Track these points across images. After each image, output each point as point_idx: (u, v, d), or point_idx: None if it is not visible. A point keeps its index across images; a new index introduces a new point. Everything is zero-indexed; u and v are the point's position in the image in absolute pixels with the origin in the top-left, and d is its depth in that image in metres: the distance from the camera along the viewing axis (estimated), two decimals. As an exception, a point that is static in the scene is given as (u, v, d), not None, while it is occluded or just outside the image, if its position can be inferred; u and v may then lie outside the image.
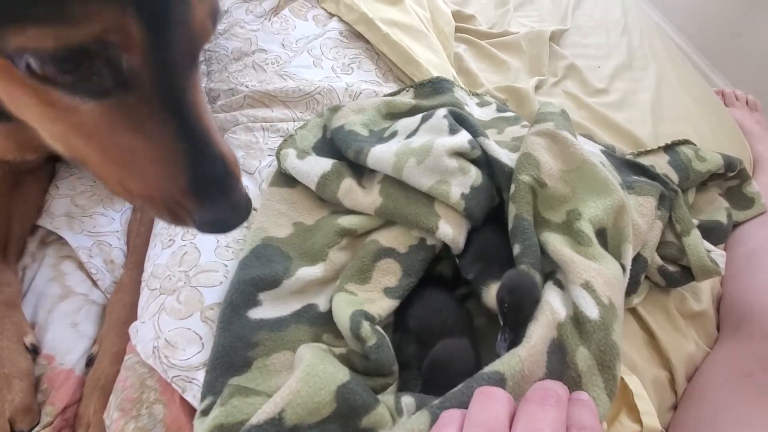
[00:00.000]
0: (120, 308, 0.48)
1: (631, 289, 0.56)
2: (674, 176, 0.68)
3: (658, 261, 0.58)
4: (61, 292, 0.49)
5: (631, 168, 0.65)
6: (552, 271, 0.43)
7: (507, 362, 0.33)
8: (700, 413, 0.53)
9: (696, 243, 0.57)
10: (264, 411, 0.29)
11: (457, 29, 0.93)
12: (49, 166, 0.60)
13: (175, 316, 0.41)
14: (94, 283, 0.51)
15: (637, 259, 0.55)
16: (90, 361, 0.46)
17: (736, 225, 0.74)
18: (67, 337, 0.47)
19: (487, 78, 0.85)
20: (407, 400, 0.34)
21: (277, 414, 0.29)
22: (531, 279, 0.40)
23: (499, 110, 0.70)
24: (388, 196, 0.48)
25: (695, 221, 0.66)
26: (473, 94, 0.73)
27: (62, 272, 0.51)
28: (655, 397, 0.55)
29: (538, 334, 0.34)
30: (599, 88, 0.88)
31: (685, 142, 0.74)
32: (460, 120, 0.51)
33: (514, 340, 0.37)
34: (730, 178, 0.75)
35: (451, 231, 0.46)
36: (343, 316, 0.39)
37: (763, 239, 0.69)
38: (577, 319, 0.36)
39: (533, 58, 0.90)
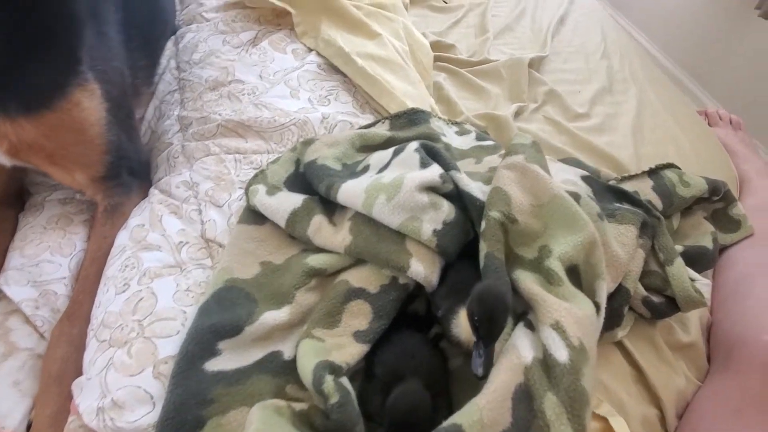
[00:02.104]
0: (52, 364, 0.45)
1: (615, 322, 0.54)
2: (658, 202, 0.67)
3: (642, 292, 0.56)
4: (4, 350, 0.47)
5: (615, 194, 0.64)
6: (524, 311, 0.41)
7: (466, 412, 0.31)
8: (692, 455, 0.50)
9: (679, 273, 0.55)
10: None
11: (438, 58, 0.94)
12: (12, 218, 0.59)
13: (124, 372, 0.39)
14: (42, 336, 0.48)
15: (619, 290, 0.54)
16: (30, 426, 0.43)
17: (723, 248, 0.73)
18: (7, 398, 0.44)
19: (467, 106, 0.85)
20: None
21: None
22: (499, 287, 0.38)
23: (478, 139, 0.70)
24: (358, 234, 0.46)
25: (680, 248, 0.64)
26: (452, 123, 0.72)
27: (8, 329, 0.48)
28: (645, 437, 0.53)
29: (500, 379, 0.32)
30: (580, 113, 0.89)
31: (669, 165, 0.73)
32: (432, 153, 0.50)
33: (490, 357, 0.35)
34: (716, 201, 0.74)
35: (423, 269, 0.44)
36: (306, 368, 0.37)
37: (752, 263, 0.68)
38: (546, 362, 0.34)
39: (513, 84, 0.90)
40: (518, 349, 0.35)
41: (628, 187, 0.69)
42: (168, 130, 0.66)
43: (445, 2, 1.15)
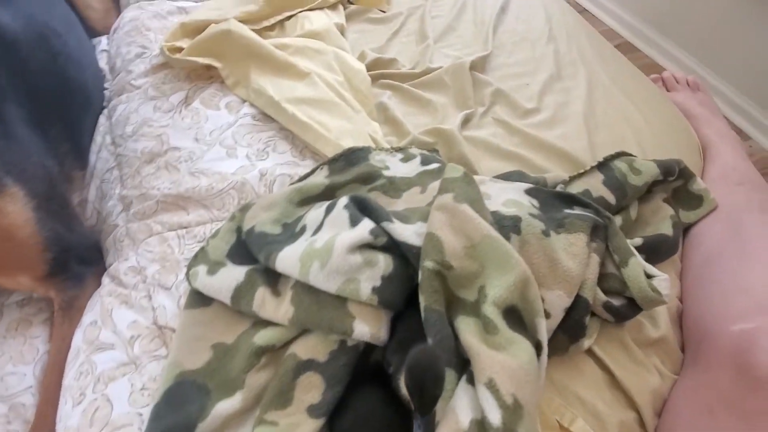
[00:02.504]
0: None
1: (579, 333, 0.54)
2: (611, 196, 0.67)
3: (602, 297, 0.56)
4: (-18, 473, 0.48)
5: (563, 200, 0.63)
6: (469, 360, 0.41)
7: None
8: (672, 456, 0.50)
9: (635, 273, 0.55)
10: None
11: (380, 76, 0.92)
12: None
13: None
14: (18, 451, 0.49)
15: (578, 301, 0.53)
16: None
17: (689, 227, 0.73)
18: None
19: (414, 122, 0.84)
20: None
21: None
22: (430, 355, 0.37)
23: (423, 163, 0.69)
24: (300, 305, 0.46)
25: (639, 240, 0.64)
26: (396, 150, 0.72)
27: (-17, 450, 0.49)
28: (625, 444, 0.53)
29: None
30: (529, 108, 0.87)
31: (620, 155, 0.72)
32: (362, 207, 0.50)
33: (429, 426, 0.35)
34: (673, 180, 0.73)
35: (368, 329, 0.44)
36: (257, 462, 0.37)
37: (716, 241, 0.67)
38: (482, 425, 0.34)
39: (458, 92, 0.89)
40: (456, 414, 0.35)
41: (578, 185, 0.68)
42: (112, 211, 0.66)
43: (383, 11, 1.13)
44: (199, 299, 0.51)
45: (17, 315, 0.61)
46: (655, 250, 0.63)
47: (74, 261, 0.59)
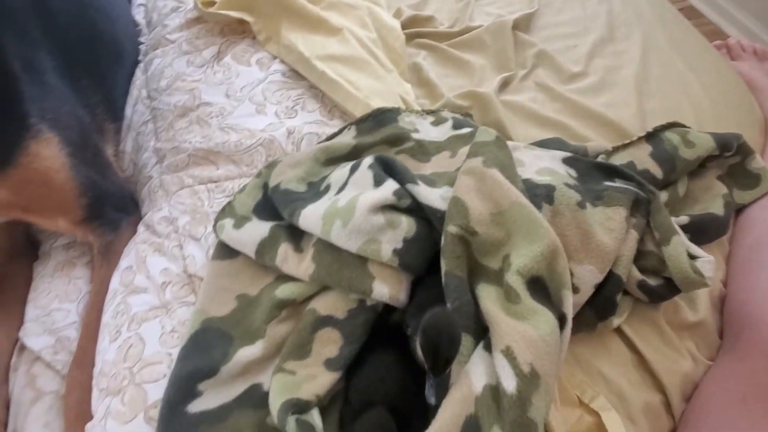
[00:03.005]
0: (69, 410, 0.50)
1: (608, 312, 0.52)
2: (657, 170, 0.62)
3: (637, 275, 0.53)
4: (32, 395, 0.52)
5: (604, 171, 0.59)
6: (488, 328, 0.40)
7: None
8: (698, 438, 0.48)
9: (677, 252, 0.51)
10: None
11: (415, 35, 0.88)
12: (28, 269, 0.64)
13: (120, 420, 0.42)
14: (63, 378, 0.53)
15: (610, 278, 0.51)
16: None
17: (742, 208, 0.67)
18: None
19: (450, 84, 0.81)
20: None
21: None
22: (446, 318, 0.37)
23: (454, 127, 0.66)
24: (320, 262, 0.46)
25: (685, 218, 0.59)
26: (427, 113, 0.69)
27: (34, 375, 0.54)
28: (647, 425, 0.51)
29: (450, 412, 0.32)
30: (575, 72, 0.81)
31: (672, 125, 0.66)
32: (387, 167, 0.49)
33: (442, 385, 0.35)
34: (730, 156, 0.67)
35: (387, 290, 0.44)
36: (274, 406, 0.39)
37: (769, 225, 0.61)
38: (497, 391, 0.34)
39: (498, 53, 0.84)
40: (470, 378, 0.34)
41: (622, 157, 0.63)
42: (147, 163, 0.68)
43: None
44: (225, 251, 0.52)
45: (63, 257, 0.65)
46: (702, 230, 0.59)
47: (110, 208, 0.62)
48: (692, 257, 0.52)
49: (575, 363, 0.53)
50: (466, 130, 0.65)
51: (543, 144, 0.62)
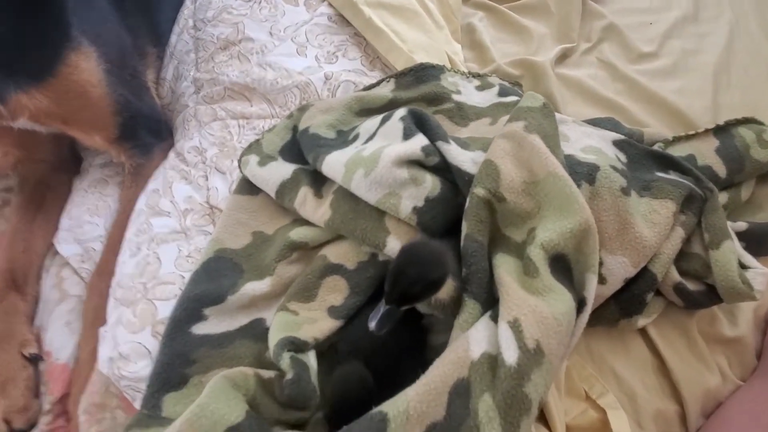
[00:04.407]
0: (88, 313, 0.52)
1: (635, 309, 0.48)
2: (721, 168, 0.56)
3: (676, 277, 0.48)
4: (59, 296, 0.56)
5: (658, 161, 0.54)
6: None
7: (394, 402, 0.31)
8: (710, 458, 0.45)
9: (726, 259, 0.46)
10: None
11: (475, -7, 0.82)
12: (69, 182, 0.67)
13: (129, 329, 0.44)
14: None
15: (643, 274, 0.47)
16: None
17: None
18: (62, 335, 0.53)
19: (504, 50, 0.75)
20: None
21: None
22: (426, 249, 0.36)
23: (500, 94, 0.62)
24: (337, 209, 0.45)
25: (743, 225, 0.53)
26: (474, 76, 0.65)
27: (62, 278, 0.57)
28: (656, 433, 0.48)
29: (439, 372, 0.31)
30: (645, 52, 0.73)
31: (747, 120, 0.59)
32: (419, 122, 0.46)
33: (387, 315, 0.34)
34: (811, 164, 0.59)
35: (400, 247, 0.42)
36: (271, 342, 0.39)
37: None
38: (495, 361, 0.32)
39: (562, 21, 0.77)
40: (469, 343, 0.33)
41: (682, 149, 0.57)
42: (185, 92, 0.68)
43: None
44: (247, 187, 0.52)
45: (98, 174, 0.68)
46: (761, 241, 0.53)
47: (143, 131, 0.63)
48: (743, 267, 0.47)
49: (587, 356, 0.50)
50: (511, 99, 0.60)
51: (595, 122, 0.57)
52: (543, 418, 0.44)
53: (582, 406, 0.47)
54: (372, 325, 0.33)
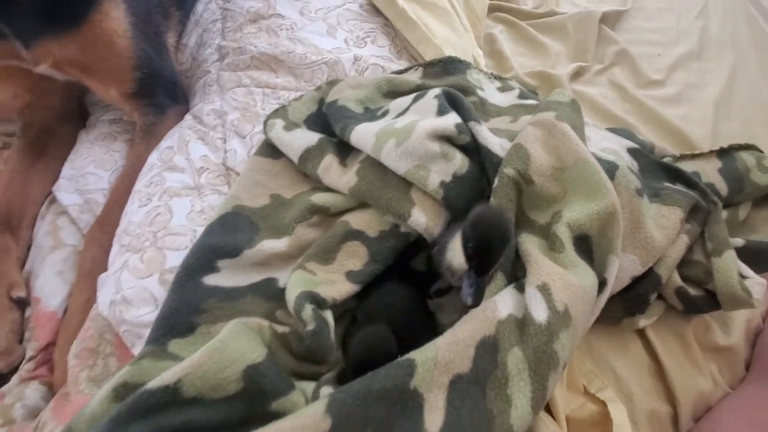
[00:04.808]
0: (84, 262, 0.51)
1: (638, 309, 0.49)
2: (723, 186, 0.58)
3: (678, 281, 0.50)
4: (53, 243, 0.54)
5: (667, 172, 0.56)
6: (523, 275, 0.38)
7: (422, 350, 0.31)
8: (698, 459, 0.46)
9: (727, 266, 0.48)
10: (160, 378, 0.29)
11: (497, 8, 0.86)
12: (73, 135, 0.65)
13: (135, 275, 0.43)
14: (84, 236, 0.54)
15: (649, 275, 0.48)
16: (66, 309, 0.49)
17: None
18: (53, 283, 0.51)
19: (521, 62, 0.78)
20: (325, 391, 0.32)
21: (172, 383, 0.28)
22: (500, 215, 0.35)
23: (521, 97, 0.64)
24: (364, 177, 0.45)
25: (740, 241, 0.56)
26: (495, 78, 0.67)
27: (58, 227, 0.55)
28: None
29: (467, 327, 0.32)
30: (653, 80, 0.77)
31: (749, 147, 0.62)
32: (453, 102, 0.47)
33: (481, 287, 0.34)
34: (804, 195, 0.62)
35: (425, 220, 0.43)
36: (291, 295, 0.38)
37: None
38: (524, 321, 0.32)
39: (578, 42, 0.81)
40: (496, 304, 0.33)
41: (688, 166, 0.60)
42: (207, 59, 0.68)
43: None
44: (269, 150, 0.52)
45: (106, 129, 0.66)
46: (756, 257, 0.55)
47: (160, 90, 0.62)
48: (743, 277, 0.49)
49: (588, 353, 0.51)
50: (531, 102, 0.63)
51: (611, 131, 0.59)
52: (546, 406, 0.44)
53: (581, 400, 0.47)
54: (470, 299, 0.33)
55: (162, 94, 0.62)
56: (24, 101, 0.61)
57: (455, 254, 0.36)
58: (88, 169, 0.60)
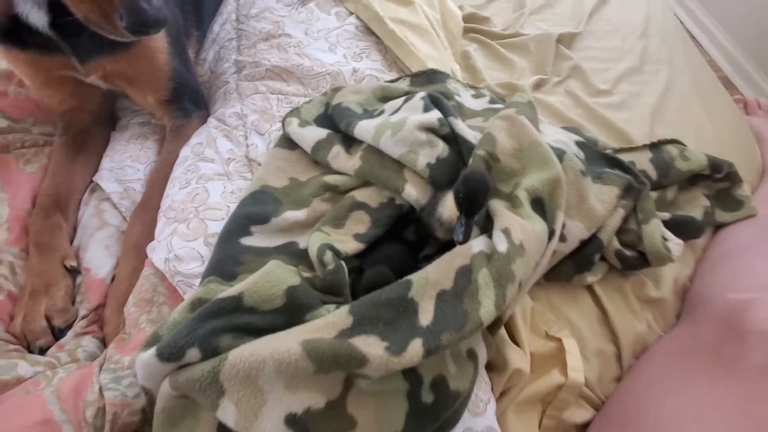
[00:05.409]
0: (130, 237, 0.60)
1: (585, 267, 0.62)
2: (653, 173, 0.72)
3: (616, 245, 0.63)
4: (99, 223, 0.63)
5: (607, 161, 0.69)
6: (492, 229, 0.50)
7: (416, 273, 0.42)
8: (636, 384, 0.57)
9: (653, 231, 0.61)
10: (228, 291, 0.39)
11: (471, 30, 1.00)
12: (106, 135, 0.75)
13: (183, 239, 0.52)
14: (124, 218, 0.64)
15: (593, 239, 0.61)
16: (114, 278, 0.59)
17: (722, 225, 0.76)
18: (101, 255, 0.60)
19: (491, 75, 0.92)
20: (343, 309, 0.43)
21: (237, 294, 0.39)
22: (484, 173, 0.46)
23: (491, 102, 0.77)
24: (366, 161, 0.57)
25: (666, 215, 0.69)
26: (470, 87, 0.80)
27: (101, 210, 0.64)
28: (598, 366, 0.60)
29: (448, 257, 0.43)
30: (602, 89, 0.92)
31: (673, 141, 0.77)
32: (435, 102, 0.59)
33: (470, 227, 0.44)
34: (720, 179, 0.77)
35: (415, 193, 0.54)
36: (313, 246, 0.49)
37: (742, 240, 0.71)
38: (491, 255, 0.44)
39: (539, 58, 0.95)
40: (471, 244, 0.45)
41: (625, 157, 0.73)
42: (225, 71, 0.79)
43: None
44: (286, 143, 0.63)
45: (138, 130, 0.76)
46: (680, 228, 0.68)
47: (187, 97, 0.73)
48: (665, 240, 0.62)
49: (548, 305, 0.62)
50: (499, 106, 0.75)
51: (564, 128, 0.73)
52: (514, 341, 0.56)
53: (542, 341, 0.59)
54: (461, 236, 0.43)
55: (188, 100, 0.73)
56: (68, 105, 0.71)
57: (446, 207, 0.47)
58: (126, 162, 0.70)
